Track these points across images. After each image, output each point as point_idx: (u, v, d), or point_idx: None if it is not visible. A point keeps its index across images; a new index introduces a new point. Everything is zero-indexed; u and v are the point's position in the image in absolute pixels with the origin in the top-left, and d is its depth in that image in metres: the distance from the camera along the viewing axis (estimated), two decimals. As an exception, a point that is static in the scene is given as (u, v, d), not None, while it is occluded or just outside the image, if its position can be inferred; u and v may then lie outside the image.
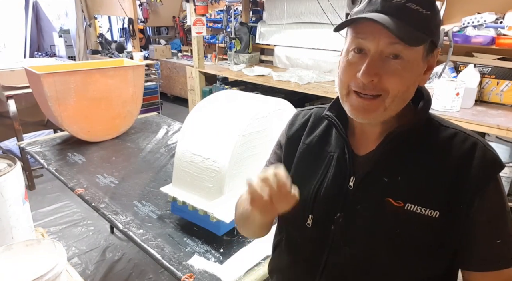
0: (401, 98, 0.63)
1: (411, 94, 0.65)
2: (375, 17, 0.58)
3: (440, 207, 0.62)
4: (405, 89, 0.62)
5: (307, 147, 0.78)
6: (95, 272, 2.25)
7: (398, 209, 0.64)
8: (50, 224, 2.71)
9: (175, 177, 1.39)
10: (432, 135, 0.67)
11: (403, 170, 0.66)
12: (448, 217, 0.62)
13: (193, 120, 1.39)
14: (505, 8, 2.25)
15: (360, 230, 0.67)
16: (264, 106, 1.35)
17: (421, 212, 0.63)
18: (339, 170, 0.71)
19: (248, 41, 4.19)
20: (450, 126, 0.68)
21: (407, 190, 0.64)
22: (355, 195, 0.68)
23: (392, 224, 0.64)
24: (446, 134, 0.66)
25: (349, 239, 0.68)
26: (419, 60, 0.62)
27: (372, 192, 0.67)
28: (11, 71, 3.07)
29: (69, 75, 2.13)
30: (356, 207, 0.68)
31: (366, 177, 0.68)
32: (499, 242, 0.62)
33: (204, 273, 1.12)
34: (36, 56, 7.08)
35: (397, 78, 0.61)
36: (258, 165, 1.41)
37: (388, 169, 0.67)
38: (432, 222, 0.62)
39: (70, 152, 2.10)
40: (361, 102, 0.64)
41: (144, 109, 3.37)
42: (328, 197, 0.71)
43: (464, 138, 0.65)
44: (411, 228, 0.63)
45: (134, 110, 2.49)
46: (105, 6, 5.62)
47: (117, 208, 1.50)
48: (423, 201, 0.63)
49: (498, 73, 2.35)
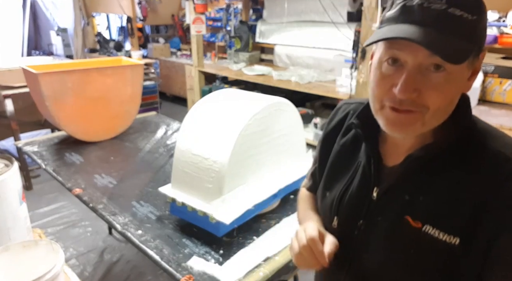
0: (443, 112, 0.58)
1: (454, 105, 0.59)
2: (412, 34, 0.52)
3: (461, 234, 0.57)
4: (448, 102, 0.57)
5: (340, 150, 0.77)
6: (93, 273, 2.23)
7: (415, 230, 0.61)
8: (48, 225, 2.69)
9: (174, 178, 1.37)
10: (469, 153, 0.60)
11: (426, 189, 0.61)
12: (469, 246, 0.57)
13: (193, 120, 1.37)
14: (508, 7, 2.24)
15: (378, 241, 0.67)
16: (264, 106, 1.33)
17: (439, 237, 0.58)
18: (364, 179, 0.70)
19: (248, 40, 4.17)
20: (494, 144, 0.59)
21: (428, 211, 0.60)
22: (377, 206, 0.67)
23: (408, 244, 0.62)
24: (486, 155, 0.58)
25: (368, 247, 0.69)
26: (464, 69, 0.56)
27: (393, 206, 0.65)
28: (8, 70, 3.05)
29: (66, 74, 2.11)
30: (377, 218, 0.67)
31: (389, 191, 0.66)
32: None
33: (204, 275, 1.11)
34: (34, 54, 7.05)
35: (439, 93, 0.55)
36: (259, 165, 1.40)
37: (411, 186, 0.63)
38: (450, 249, 0.58)
39: (67, 152, 2.08)
40: (397, 117, 0.59)
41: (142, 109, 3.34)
42: (352, 204, 0.71)
43: (503, 161, 0.56)
44: (427, 251, 0.60)
45: (132, 109, 2.47)
46: (103, 4, 5.61)
47: (115, 208, 1.48)
48: (443, 225, 0.58)
49: (501, 72, 2.34)
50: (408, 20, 0.54)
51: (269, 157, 1.43)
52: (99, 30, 6.87)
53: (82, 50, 5.88)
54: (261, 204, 1.36)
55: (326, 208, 0.75)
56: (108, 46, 5.89)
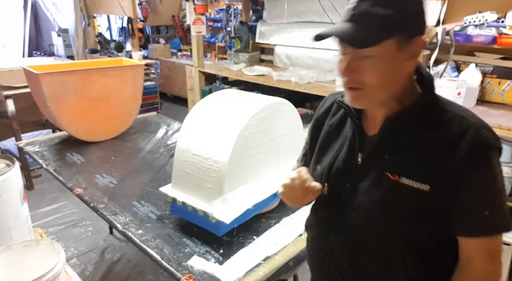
0: (383, 86, 0.72)
1: (394, 82, 0.73)
2: (338, 27, 0.70)
3: (431, 182, 0.71)
4: (382, 79, 0.71)
5: (329, 129, 0.91)
6: (94, 273, 2.24)
7: (393, 182, 0.74)
8: (49, 224, 2.70)
9: (175, 177, 1.38)
10: (432, 117, 0.74)
11: (401, 149, 0.75)
12: (438, 191, 0.71)
13: (193, 120, 1.38)
14: (507, 7, 2.25)
15: (362, 198, 0.80)
16: (264, 106, 1.34)
17: (413, 186, 0.72)
18: (350, 148, 0.83)
19: (248, 40, 4.18)
20: (451, 109, 0.74)
21: (403, 166, 0.74)
22: (361, 169, 0.80)
23: (388, 194, 0.75)
24: (445, 117, 0.73)
25: (354, 205, 0.81)
26: (391, 53, 0.69)
27: (375, 167, 0.78)
28: (9, 70, 3.05)
29: (67, 75, 2.12)
30: (362, 179, 0.80)
31: (371, 154, 0.79)
32: (486, 214, 0.70)
33: (204, 274, 1.12)
34: (35, 55, 7.06)
35: (371, 72, 0.70)
36: (259, 165, 1.40)
37: (388, 148, 0.77)
38: (423, 195, 0.71)
39: (68, 152, 2.09)
40: (349, 93, 0.76)
41: (143, 109, 3.36)
42: (340, 170, 0.84)
43: (460, 121, 0.71)
44: (403, 198, 0.73)
45: (133, 109, 2.48)
46: (104, 5, 5.61)
47: (116, 208, 1.49)
48: (416, 175, 0.72)
49: (499, 73, 2.34)
50: (343, 19, 0.71)
51: (269, 157, 1.44)
52: (100, 30, 6.89)
53: (83, 51, 5.89)
54: (261, 204, 1.37)
55: (317, 179, 0.86)
56: (109, 47, 5.90)
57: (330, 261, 0.88)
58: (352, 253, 0.84)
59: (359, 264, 0.83)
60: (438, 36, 2.36)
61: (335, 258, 0.87)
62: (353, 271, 0.84)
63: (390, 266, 0.79)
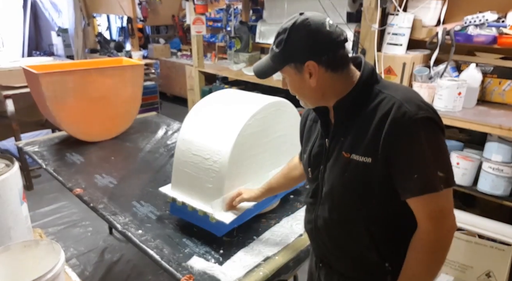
0: (302, 95, 0.96)
1: (309, 91, 0.93)
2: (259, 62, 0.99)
3: (371, 154, 0.85)
4: (296, 91, 0.95)
5: (310, 123, 1.09)
6: (93, 273, 2.24)
7: (346, 158, 0.90)
8: (48, 224, 2.69)
9: (175, 178, 1.38)
10: (371, 100, 0.88)
11: (351, 131, 0.90)
12: (377, 162, 0.84)
13: (193, 120, 1.38)
14: (507, 7, 2.24)
15: (329, 175, 0.96)
16: (264, 106, 1.33)
17: (359, 160, 0.87)
18: (321, 136, 1.00)
19: (248, 40, 4.17)
20: (385, 92, 0.87)
21: (352, 144, 0.89)
22: (328, 152, 0.96)
23: (344, 170, 0.90)
24: (379, 99, 0.87)
25: (325, 182, 0.98)
26: (293, 75, 0.92)
27: (336, 148, 0.94)
28: (9, 70, 3.05)
29: (67, 75, 2.11)
30: (329, 159, 0.96)
31: (332, 139, 0.95)
32: (415, 177, 0.81)
33: (204, 274, 1.11)
34: (34, 55, 7.05)
35: (292, 89, 0.96)
36: (259, 165, 1.40)
37: (342, 131, 0.92)
38: (367, 167, 0.86)
39: (68, 152, 2.09)
40: None
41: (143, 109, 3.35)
42: (316, 155, 1.01)
43: (388, 100, 0.85)
44: (354, 172, 0.88)
45: (133, 109, 2.48)
46: (104, 5, 5.61)
47: (115, 208, 1.49)
48: (361, 151, 0.87)
49: (500, 73, 2.34)
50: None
51: (269, 157, 1.43)
52: (100, 30, 6.88)
53: (83, 51, 5.88)
54: (261, 204, 1.37)
55: (305, 165, 1.07)
56: (109, 47, 5.90)
57: (314, 230, 1.04)
58: (326, 223, 0.99)
59: (332, 232, 0.99)
60: (439, 36, 2.36)
61: (316, 229, 1.03)
62: (328, 239, 1.01)
63: (356, 233, 0.94)
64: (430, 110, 0.83)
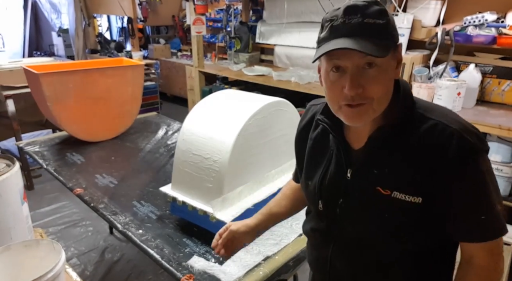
0: (384, 99, 0.72)
1: (391, 91, 0.74)
2: (346, 44, 0.66)
3: (422, 193, 0.71)
4: (386, 90, 0.72)
5: (313, 144, 0.90)
6: (94, 273, 2.24)
7: (386, 197, 0.74)
8: (49, 224, 2.70)
9: (175, 177, 1.38)
10: (415, 127, 0.73)
11: (389, 163, 0.75)
12: (431, 202, 0.71)
13: (193, 120, 1.38)
14: (506, 8, 2.25)
15: (357, 214, 0.80)
16: (264, 106, 1.34)
17: (406, 199, 0.72)
18: (338, 163, 0.82)
19: (248, 41, 4.17)
20: (432, 117, 0.73)
21: (393, 180, 0.74)
22: (352, 185, 0.80)
23: (382, 210, 0.75)
24: (427, 126, 0.72)
25: (350, 220, 0.82)
26: (390, 61, 0.71)
27: (365, 182, 0.77)
28: (9, 70, 3.06)
29: (68, 75, 2.12)
30: (354, 195, 0.80)
31: (359, 170, 0.79)
32: (483, 218, 0.71)
33: (204, 274, 1.12)
34: (35, 55, 7.06)
35: (377, 84, 0.69)
36: (259, 165, 1.41)
37: (376, 162, 0.76)
38: (416, 207, 0.72)
39: (69, 152, 2.09)
40: (353, 111, 0.71)
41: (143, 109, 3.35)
42: (331, 186, 0.84)
43: (442, 128, 0.70)
44: (397, 212, 0.74)
45: (133, 109, 2.48)
46: (104, 5, 5.61)
47: (116, 208, 1.49)
48: (407, 189, 0.72)
49: (499, 73, 2.34)
50: (338, 35, 0.68)
51: (269, 157, 1.44)
52: (100, 31, 6.89)
53: (83, 51, 5.88)
54: (261, 204, 1.37)
55: (310, 195, 0.89)
56: (109, 47, 5.90)
57: (330, 270, 0.89)
58: (351, 265, 0.85)
59: (359, 276, 0.85)
60: (438, 36, 2.37)
61: (334, 269, 0.88)
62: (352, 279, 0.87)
63: (389, 277, 0.82)
64: (484, 139, 0.72)
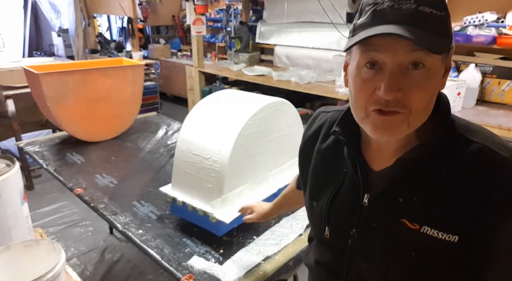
0: (425, 111, 0.58)
1: (433, 104, 0.59)
2: (392, 30, 0.52)
3: (460, 231, 0.57)
4: (429, 100, 0.57)
5: (321, 157, 0.76)
6: (94, 273, 2.24)
7: (413, 232, 0.60)
8: (49, 224, 2.70)
9: (175, 177, 1.38)
10: (455, 151, 0.59)
11: (420, 190, 0.61)
12: (469, 242, 0.57)
13: (193, 120, 1.38)
14: (506, 8, 2.25)
15: (375, 249, 0.65)
16: (264, 106, 1.34)
17: (438, 236, 0.58)
18: (352, 185, 0.68)
19: (248, 41, 4.18)
20: (476, 139, 0.59)
21: (424, 212, 0.60)
22: (369, 213, 0.66)
23: (407, 247, 0.61)
24: (471, 150, 0.58)
25: (365, 256, 0.67)
26: (440, 65, 0.56)
27: (387, 211, 0.63)
28: (9, 70, 3.06)
29: (67, 75, 2.12)
30: (371, 225, 0.65)
31: (380, 196, 0.64)
32: None
33: (204, 274, 1.12)
34: (35, 55, 7.06)
35: (422, 91, 0.55)
36: (259, 165, 1.40)
37: (403, 188, 0.62)
38: (450, 247, 0.58)
39: (69, 152, 2.09)
40: (384, 120, 0.57)
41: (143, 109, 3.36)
42: (342, 212, 0.70)
43: (490, 155, 0.57)
44: (427, 252, 0.60)
45: (133, 109, 2.48)
46: (104, 5, 5.62)
47: (116, 208, 1.49)
48: (441, 224, 0.58)
49: (499, 73, 2.34)
50: (383, 21, 0.54)
51: (269, 157, 1.44)
52: (100, 31, 6.89)
53: (83, 51, 5.88)
54: (261, 204, 1.37)
55: (316, 219, 0.74)
56: (109, 47, 5.91)
57: None
58: None
59: None
60: (438, 36, 2.37)
61: None
62: None
63: None
64: None
